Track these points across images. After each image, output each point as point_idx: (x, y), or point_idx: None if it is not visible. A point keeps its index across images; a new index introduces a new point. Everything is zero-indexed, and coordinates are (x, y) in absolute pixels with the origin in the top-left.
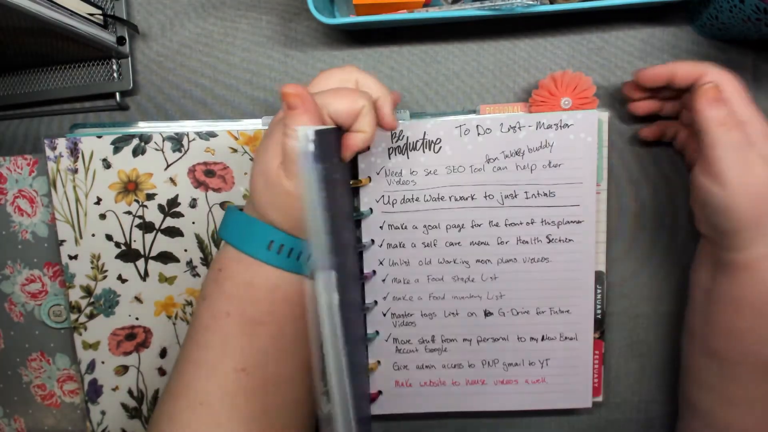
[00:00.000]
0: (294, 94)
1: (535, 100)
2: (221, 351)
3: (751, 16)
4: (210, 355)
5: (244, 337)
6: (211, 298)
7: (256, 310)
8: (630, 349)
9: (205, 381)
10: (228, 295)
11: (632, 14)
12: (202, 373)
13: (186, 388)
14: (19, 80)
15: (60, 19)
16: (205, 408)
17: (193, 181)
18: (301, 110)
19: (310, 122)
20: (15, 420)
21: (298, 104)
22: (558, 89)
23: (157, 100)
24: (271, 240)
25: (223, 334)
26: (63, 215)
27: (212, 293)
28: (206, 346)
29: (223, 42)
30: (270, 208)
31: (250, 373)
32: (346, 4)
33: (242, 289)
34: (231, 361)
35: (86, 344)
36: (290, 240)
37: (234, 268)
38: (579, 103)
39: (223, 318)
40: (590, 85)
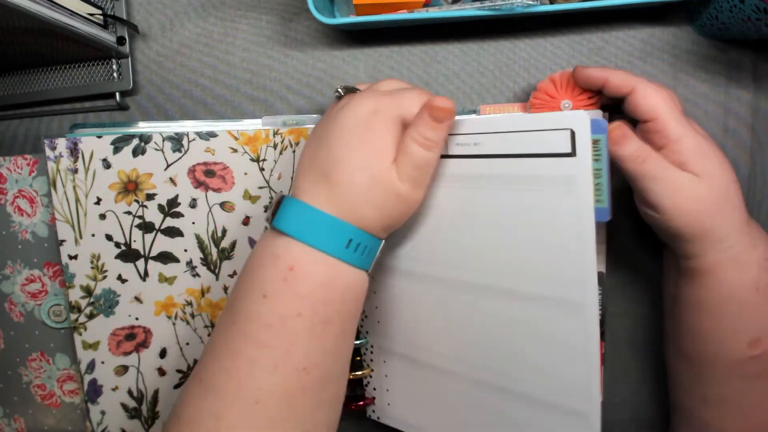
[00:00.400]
0: (447, 110)
1: (533, 103)
2: (286, 351)
3: (751, 15)
4: (272, 355)
5: (312, 338)
6: (278, 297)
7: (327, 310)
8: (631, 349)
9: (263, 380)
10: (302, 295)
11: (632, 14)
12: (260, 371)
13: (237, 386)
14: (19, 80)
15: (60, 19)
16: (261, 407)
17: (193, 181)
18: (446, 125)
19: (446, 137)
20: (15, 420)
21: (445, 119)
22: (557, 91)
23: (157, 100)
24: (350, 239)
25: (290, 335)
26: (63, 215)
27: (280, 292)
28: (268, 345)
29: (223, 42)
30: (367, 205)
31: (310, 372)
32: (346, 4)
33: (319, 290)
34: (294, 361)
35: (86, 344)
36: (366, 238)
37: (311, 268)
38: (581, 104)
39: (292, 319)
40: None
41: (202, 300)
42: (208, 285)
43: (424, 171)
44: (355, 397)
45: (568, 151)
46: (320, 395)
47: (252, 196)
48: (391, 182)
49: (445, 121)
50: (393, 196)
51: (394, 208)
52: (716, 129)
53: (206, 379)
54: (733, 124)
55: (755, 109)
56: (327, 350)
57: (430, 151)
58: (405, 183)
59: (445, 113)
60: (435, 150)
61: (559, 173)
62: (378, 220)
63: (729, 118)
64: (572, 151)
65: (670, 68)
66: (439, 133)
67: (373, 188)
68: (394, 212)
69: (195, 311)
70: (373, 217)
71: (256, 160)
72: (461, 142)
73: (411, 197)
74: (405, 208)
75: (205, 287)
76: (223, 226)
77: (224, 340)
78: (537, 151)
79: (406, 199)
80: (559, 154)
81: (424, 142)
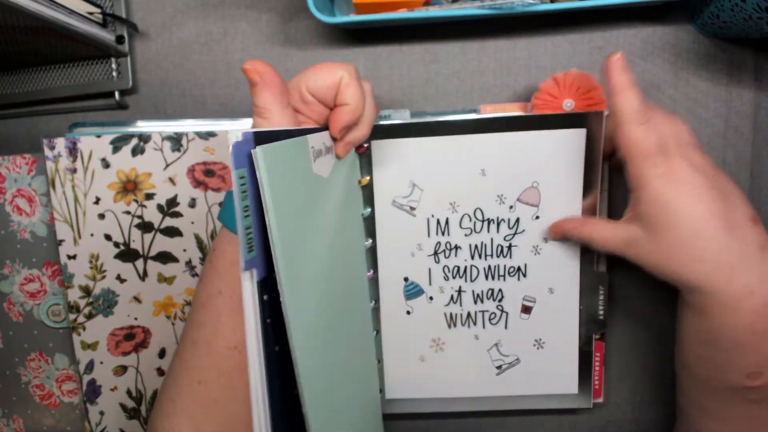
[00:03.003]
0: (252, 70)
1: (536, 103)
2: (214, 329)
3: (752, 14)
4: (205, 334)
5: (236, 315)
6: (205, 277)
7: None
8: (631, 349)
9: (202, 359)
10: (220, 273)
11: (633, 13)
12: (199, 351)
13: (186, 368)
14: (18, 79)
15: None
16: (203, 386)
17: (192, 181)
18: (261, 85)
19: (272, 98)
20: (14, 420)
21: (257, 81)
22: (560, 91)
23: (157, 99)
24: None
25: (216, 312)
26: (62, 215)
27: (206, 273)
28: (201, 324)
29: (222, 41)
30: None
31: (241, 351)
32: (345, 3)
33: (232, 268)
34: (223, 339)
35: (85, 344)
36: None
37: (225, 248)
38: (584, 104)
39: (215, 296)
40: (596, 85)
41: None
42: None
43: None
44: None
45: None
46: None
47: None
48: None
49: (257, 82)
50: None
51: None
52: (718, 127)
53: (169, 367)
54: (735, 122)
55: (757, 107)
56: None
57: (261, 118)
58: None
59: (251, 73)
60: (266, 115)
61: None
62: None
63: (731, 116)
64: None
65: (672, 67)
66: (260, 97)
67: None
68: None
69: None
70: None
71: None
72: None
73: None
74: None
75: None
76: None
77: (184, 326)
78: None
79: None
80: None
81: (255, 110)
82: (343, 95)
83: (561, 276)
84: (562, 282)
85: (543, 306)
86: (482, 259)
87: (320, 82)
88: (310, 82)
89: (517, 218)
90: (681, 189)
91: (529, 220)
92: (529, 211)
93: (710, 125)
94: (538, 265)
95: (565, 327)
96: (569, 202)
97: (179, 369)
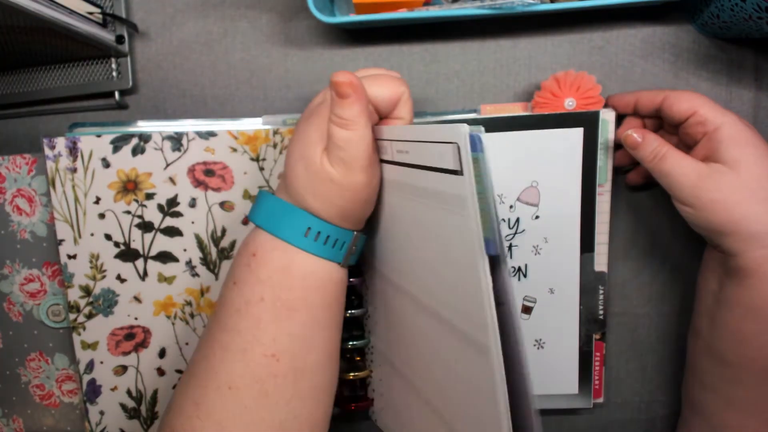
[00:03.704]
0: (347, 83)
1: (537, 102)
2: (252, 336)
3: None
4: (240, 340)
5: (277, 323)
6: (243, 282)
7: (290, 296)
8: (631, 349)
9: (234, 365)
10: (262, 280)
11: (633, 13)
12: (231, 356)
13: (214, 372)
14: (18, 79)
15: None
16: (233, 392)
17: (193, 181)
18: (353, 99)
19: (360, 112)
20: (14, 420)
21: (350, 93)
22: (561, 90)
23: (157, 99)
24: (308, 227)
25: (255, 319)
26: (62, 215)
27: (245, 278)
28: (236, 329)
29: (222, 41)
30: (309, 194)
31: (280, 359)
32: (345, 2)
33: (278, 274)
34: (261, 346)
35: (85, 344)
36: (327, 227)
37: (269, 254)
38: (583, 103)
39: (256, 303)
40: (594, 85)
41: (202, 300)
42: (207, 285)
43: (350, 152)
44: (355, 398)
45: (456, 168)
46: (295, 385)
47: (252, 196)
48: (322, 168)
49: (349, 95)
50: (327, 181)
51: (332, 194)
52: None
53: (189, 368)
54: None
55: (757, 107)
56: (296, 337)
57: (347, 130)
58: (336, 167)
59: (345, 87)
60: (352, 128)
61: (452, 191)
62: (323, 207)
63: None
64: (459, 168)
65: (672, 67)
66: (349, 110)
67: (308, 177)
68: (337, 199)
69: (194, 311)
70: (317, 204)
71: (255, 159)
72: (400, 149)
73: (346, 181)
74: (348, 194)
75: (205, 287)
76: (222, 225)
77: (206, 329)
78: (434, 164)
79: (342, 183)
80: (448, 171)
81: (338, 121)
82: (402, 110)
83: (561, 276)
84: (562, 282)
85: (543, 306)
86: None
87: (385, 94)
88: (375, 91)
89: (517, 218)
90: (752, 132)
91: (529, 220)
92: (529, 210)
93: None
94: (538, 265)
95: (565, 327)
96: (568, 201)
97: (205, 372)
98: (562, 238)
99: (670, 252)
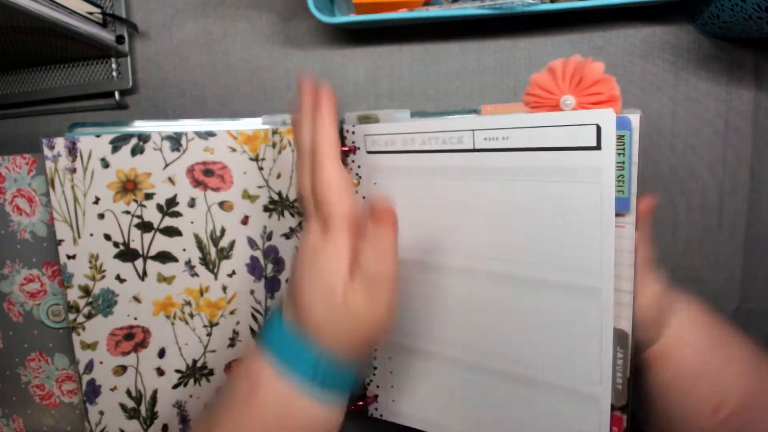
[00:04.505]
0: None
1: (527, 101)
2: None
3: (752, 14)
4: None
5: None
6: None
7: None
8: None
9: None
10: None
11: (633, 13)
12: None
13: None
14: (19, 79)
15: (59, 18)
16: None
17: (192, 181)
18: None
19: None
20: (14, 420)
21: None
22: (558, 85)
23: (157, 99)
24: (316, 365)
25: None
26: (61, 215)
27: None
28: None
29: (222, 41)
30: (329, 328)
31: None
32: (345, 3)
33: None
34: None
35: (84, 344)
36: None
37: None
38: (587, 101)
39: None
40: (603, 77)
41: (201, 299)
42: (206, 284)
43: (381, 286)
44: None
45: (594, 144)
46: None
47: (251, 196)
48: (346, 303)
49: (389, 225)
50: (351, 317)
51: (356, 330)
52: (718, 127)
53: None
54: (735, 122)
55: (757, 107)
56: None
57: (383, 263)
58: (364, 300)
59: (387, 215)
60: (388, 261)
61: (585, 165)
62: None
63: (731, 116)
64: (597, 144)
65: (672, 67)
66: (389, 241)
67: (329, 309)
68: (356, 333)
69: (194, 311)
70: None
71: (255, 159)
72: (488, 137)
73: (376, 316)
74: (372, 328)
75: (204, 287)
76: (221, 225)
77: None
78: (565, 144)
79: (370, 319)
80: (585, 148)
81: (377, 253)
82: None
83: None
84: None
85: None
86: None
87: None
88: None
89: None
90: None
91: None
92: None
93: (710, 125)
94: None
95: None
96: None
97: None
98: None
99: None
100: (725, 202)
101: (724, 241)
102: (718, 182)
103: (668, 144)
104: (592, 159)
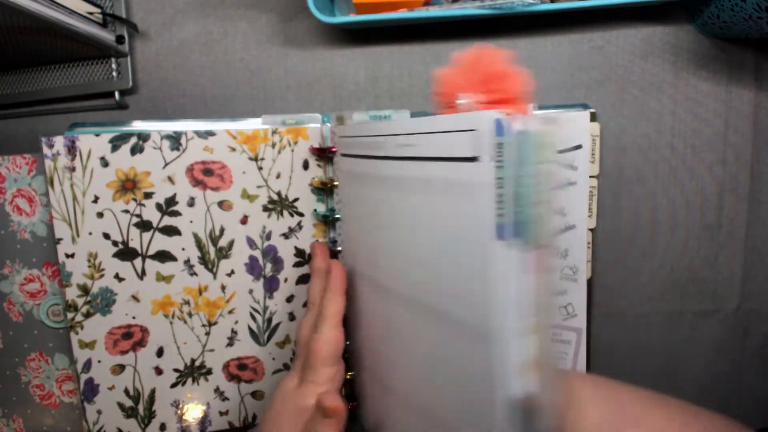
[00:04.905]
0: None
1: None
2: None
3: (752, 14)
4: None
5: None
6: None
7: None
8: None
9: None
10: None
11: (633, 13)
12: None
13: None
14: (19, 79)
15: (59, 18)
16: None
17: (191, 180)
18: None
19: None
20: (14, 420)
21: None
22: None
23: (157, 98)
24: None
25: None
26: (60, 213)
27: None
28: None
29: (222, 41)
30: None
31: None
32: (346, 2)
33: None
34: None
35: (82, 343)
36: None
37: None
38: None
39: None
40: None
41: (200, 299)
42: (205, 284)
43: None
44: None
45: (470, 155)
46: None
47: (250, 195)
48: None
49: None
50: None
51: None
52: (718, 127)
53: None
54: (735, 122)
55: (757, 107)
56: None
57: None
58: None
59: (333, 411)
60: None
61: (462, 179)
62: None
63: (731, 116)
64: (473, 155)
65: (672, 67)
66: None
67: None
68: None
69: (192, 310)
70: None
71: (254, 159)
72: (399, 143)
73: None
74: None
75: (203, 286)
76: (221, 225)
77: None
78: (445, 154)
79: None
80: (461, 159)
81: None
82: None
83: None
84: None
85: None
86: None
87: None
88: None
89: None
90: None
91: None
92: None
93: (710, 125)
94: None
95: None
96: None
97: None
98: None
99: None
100: (725, 202)
101: (724, 241)
102: (718, 182)
103: (668, 144)
104: (467, 172)
